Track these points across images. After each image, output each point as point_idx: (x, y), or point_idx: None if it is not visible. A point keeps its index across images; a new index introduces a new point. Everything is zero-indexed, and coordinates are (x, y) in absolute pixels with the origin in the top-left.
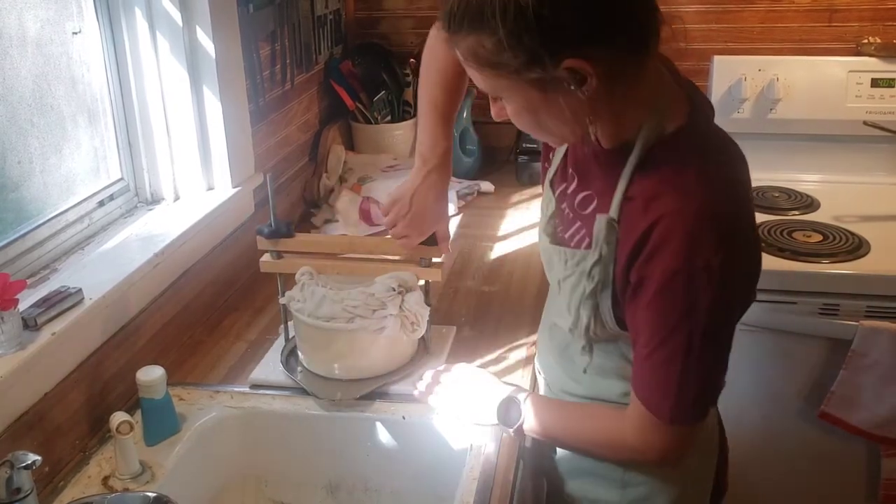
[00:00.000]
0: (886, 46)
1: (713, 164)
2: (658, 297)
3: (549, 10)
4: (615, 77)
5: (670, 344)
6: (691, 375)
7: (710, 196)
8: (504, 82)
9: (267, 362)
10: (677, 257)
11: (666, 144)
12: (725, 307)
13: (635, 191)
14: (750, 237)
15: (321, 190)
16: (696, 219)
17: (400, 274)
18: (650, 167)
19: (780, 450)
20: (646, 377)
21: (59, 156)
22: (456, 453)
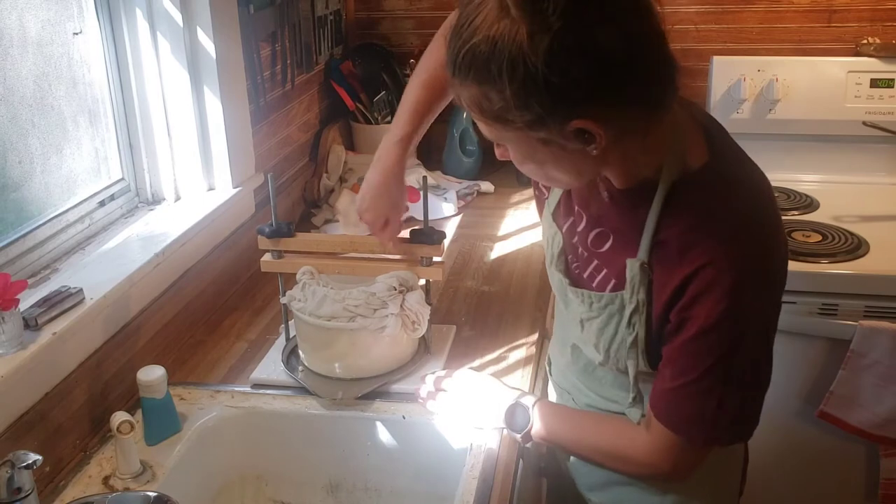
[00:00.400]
0: (886, 47)
1: (743, 199)
2: (698, 340)
3: (558, 77)
4: (627, 133)
5: (707, 380)
6: (728, 403)
7: (747, 240)
8: (509, 133)
9: (268, 362)
10: (720, 305)
11: (692, 183)
12: (767, 337)
13: (666, 235)
14: (784, 266)
15: (321, 190)
16: (737, 268)
17: (401, 273)
18: (678, 208)
19: (779, 449)
20: (677, 405)
21: (60, 156)
22: (456, 453)
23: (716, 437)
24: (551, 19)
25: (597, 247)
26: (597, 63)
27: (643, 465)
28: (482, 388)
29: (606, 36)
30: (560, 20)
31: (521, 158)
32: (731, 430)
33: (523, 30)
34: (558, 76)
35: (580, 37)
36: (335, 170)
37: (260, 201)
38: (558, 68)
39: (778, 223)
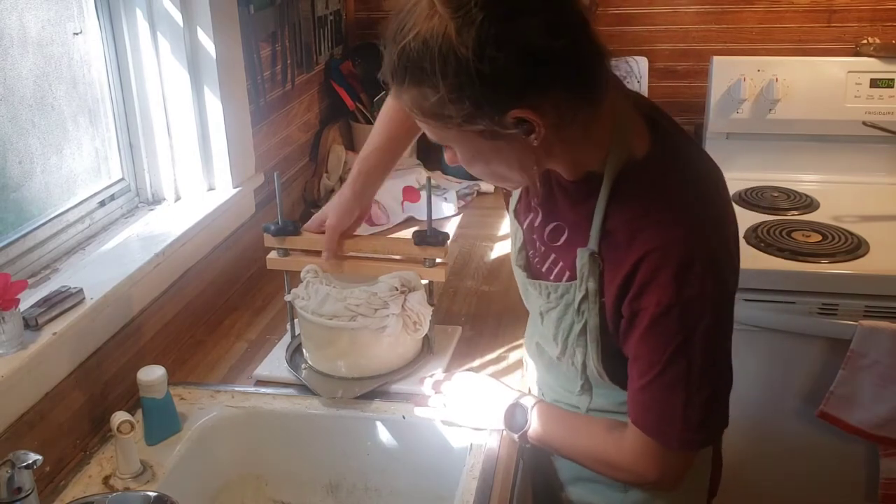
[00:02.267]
0: (885, 47)
1: (688, 186)
2: (653, 330)
3: (489, 66)
4: (566, 122)
5: (670, 373)
6: (695, 400)
7: (691, 225)
8: (451, 133)
9: (272, 359)
10: (668, 290)
11: (636, 173)
12: (722, 329)
13: (614, 224)
14: (734, 251)
15: (322, 190)
16: (681, 251)
17: (403, 273)
18: (624, 198)
19: (779, 449)
20: (646, 406)
21: (60, 156)
22: (456, 452)
23: (688, 438)
24: (474, 11)
25: (553, 240)
26: (521, 51)
27: (631, 473)
28: (482, 390)
29: (527, 25)
30: (482, 12)
31: (468, 158)
32: (702, 430)
33: (451, 25)
34: (488, 66)
35: (503, 27)
36: (335, 170)
37: (260, 201)
38: (487, 58)
39: (724, 208)
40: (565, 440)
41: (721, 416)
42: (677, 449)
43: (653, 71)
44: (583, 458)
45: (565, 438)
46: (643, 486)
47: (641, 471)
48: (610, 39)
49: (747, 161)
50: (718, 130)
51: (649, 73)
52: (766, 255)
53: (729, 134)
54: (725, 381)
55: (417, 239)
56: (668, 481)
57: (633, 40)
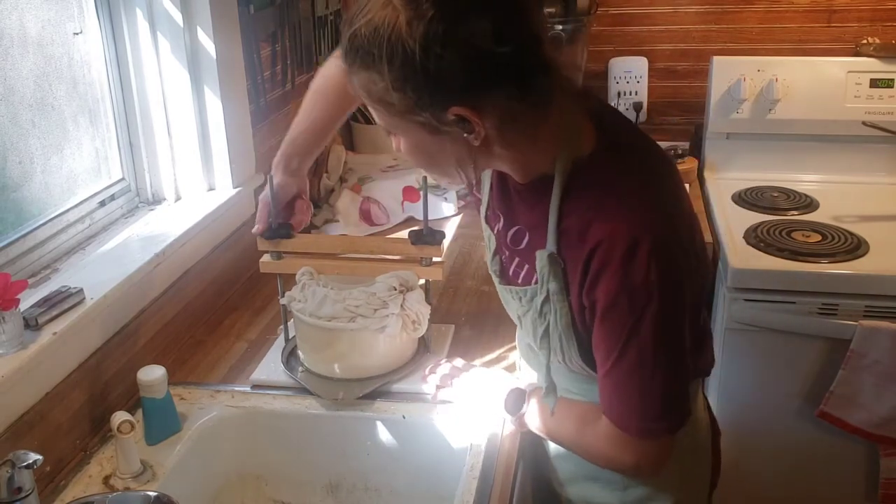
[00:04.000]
0: (885, 47)
1: (632, 178)
2: (605, 319)
3: (433, 63)
4: (508, 123)
5: (624, 361)
6: (651, 388)
7: (636, 214)
8: (396, 121)
9: (268, 362)
10: (615, 279)
11: (584, 170)
12: (671, 314)
13: (568, 222)
14: (683, 237)
15: (321, 190)
16: (626, 241)
17: (401, 273)
18: (575, 195)
19: (779, 449)
20: (609, 395)
21: (61, 156)
22: (456, 452)
23: (648, 427)
24: (425, 6)
25: (516, 244)
26: (466, 52)
27: (610, 461)
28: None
29: (475, 27)
30: (433, 8)
31: (410, 148)
32: (663, 419)
33: (402, 17)
34: (433, 62)
35: (451, 25)
36: (335, 170)
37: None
38: (433, 54)
39: (675, 196)
40: (556, 426)
41: (680, 403)
42: (639, 438)
43: (653, 71)
44: (571, 446)
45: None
46: (624, 472)
47: (618, 458)
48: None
49: (747, 161)
50: (718, 130)
51: (649, 73)
52: (766, 255)
53: (729, 134)
54: (682, 367)
55: (414, 238)
56: (646, 467)
57: (633, 40)
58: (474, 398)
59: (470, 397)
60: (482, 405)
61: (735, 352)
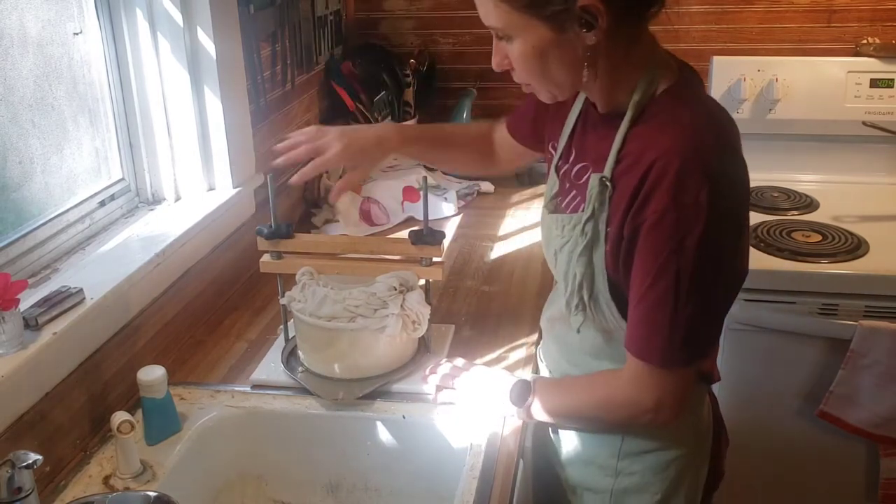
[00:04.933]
0: (885, 47)
1: (701, 110)
2: (649, 238)
3: None
4: (619, 30)
5: (660, 285)
6: (680, 317)
7: (698, 137)
8: (518, 18)
9: (268, 362)
10: (666, 195)
11: (656, 103)
12: (714, 247)
13: (629, 148)
14: (739, 177)
15: (321, 190)
16: (683, 157)
17: (401, 273)
18: (641, 125)
19: (779, 449)
20: (635, 325)
21: (61, 156)
22: (456, 452)
23: (670, 355)
24: None
25: (578, 179)
26: None
27: (629, 405)
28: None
29: None
30: None
31: (525, 51)
32: (685, 347)
33: None
34: None
35: None
36: (335, 170)
37: (260, 201)
38: None
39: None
40: (565, 400)
41: (707, 336)
42: (660, 365)
43: None
44: (585, 410)
45: (565, 398)
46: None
47: (637, 398)
48: None
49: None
50: None
51: None
52: (766, 255)
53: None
54: (716, 301)
55: (414, 238)
56: (666, 407)
57: None
58: (475, 397)
59: (471, 397)
60: (483, 404)
61: (735, 352)
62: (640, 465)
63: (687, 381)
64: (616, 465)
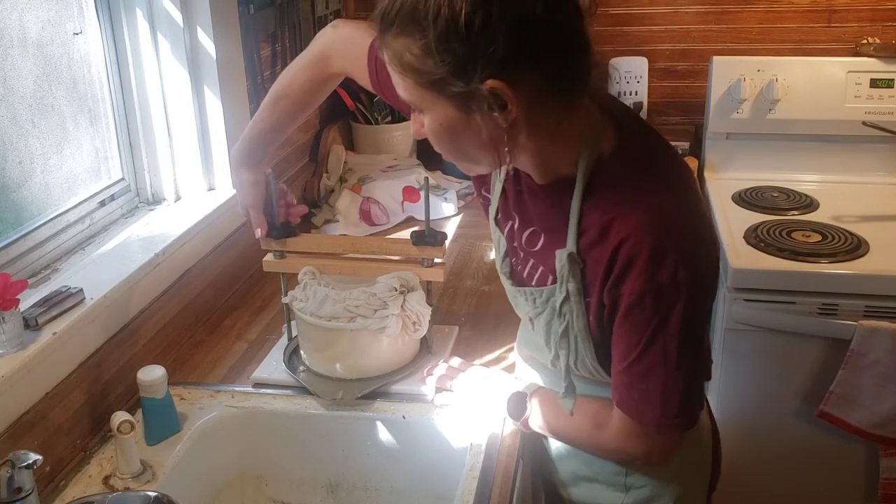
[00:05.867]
0: (885, 47)
1: (657, 176)
2: (630, 316)
3: (480, 22)
4: (538, 110)
5: (647, 358)
6: (674, 384)
7: (663, 211)
8: (426, 93)
9: (269, 361)
10: (642, 277)
11: (604, 170)
12: (696, 314)
13: (588, 221)
14: (707, 238)
15: (321, 190)
16: (655, 237)
17: (402, 274)
18: (597, 195)
19: (779, 449)
20: (627, 389)
21: (61, 156)
22: (456, 452)
23: (667, 423)
24: None
25: (531, 245)
26: (516, 16)
27: (620, 452)
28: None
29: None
30: None
31: (435, 126)
32: (681, 414)
33: None
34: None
35: None
36: (335, 170)
37: None
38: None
39: (695, 197)
40: (560, 425)
41: (698, 400)
42: (656, 433)
43: (653, 71)
44: (577, 442)
45: (560, 423)
46: (634, 463)
47: (629, 450)
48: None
49: (747, 161)
50: (718, 130)
51: (649, 73)
52: (766, 255)
53: (729, 134)
54: (702, 365)
55: (415, 239)
56: (656, 458)
57: (633, 40)
58: (473, 398)
59: (469, 397)
60: (482, 404)
61: (735, 352)
62: (648, 478)
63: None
64: (625, 481)
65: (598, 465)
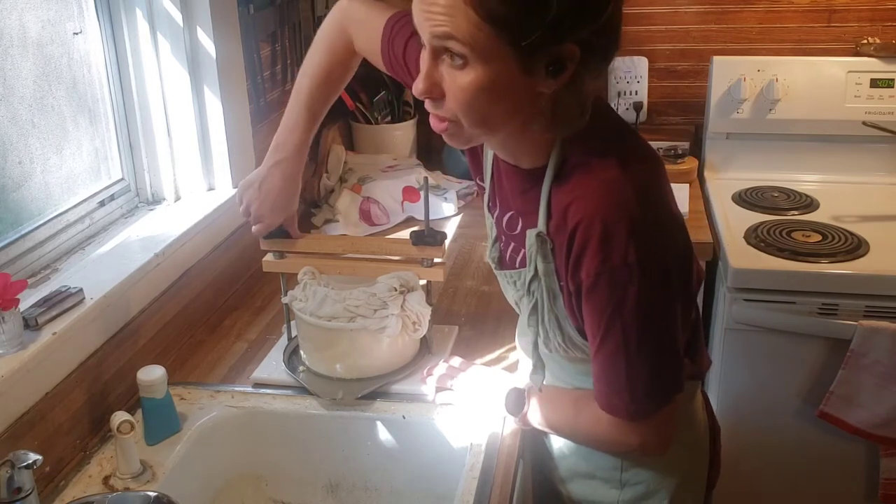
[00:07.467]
0: (885, 47)
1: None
2: (588, 301)
3: None
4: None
5: (609, 343)
6: (636, 370)
7: (616, 191)
8: (496, 45)
9: (269, 361)
10: (595, 259)
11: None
12: (655, 297)
13: (553, 204)
14: (665, 222)
15: (321, 190)
16: (605, 219)
17: (402, 274)
18: (561, 178)
19: (779, 449)
20: (597, 378)
21: (60, 156)
22: (456, 452)
23: (636, 409)
24: None
25: (511, 230)
26: None
27: (616, 444)
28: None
29: None
30: None
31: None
32: (650, 399)
33: None
34: None
35: None
36: (335, 170)
37: None
38: None
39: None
40: (560, 420)
41: (670, 383)
42: (628, 420)
43: (653, 71)
44: (576, 437)
45: (560, 419)
46: (633, 453)
47: (624, 440)
48: None
49: (747, 161)
50: (718, 130)
51: (649, 72)
52: (766, 255)
53: (729, 134)
54: (669, 348)
55: (415, 239)
56: (652, 445)
57: (633, 40)
58: (474, 397)
59: (469, 396)
60: (482, 404)
61: (735, 352)
62: (645, 474)
63: (667, 417)
64: (620, 476)
65: (595, 461)
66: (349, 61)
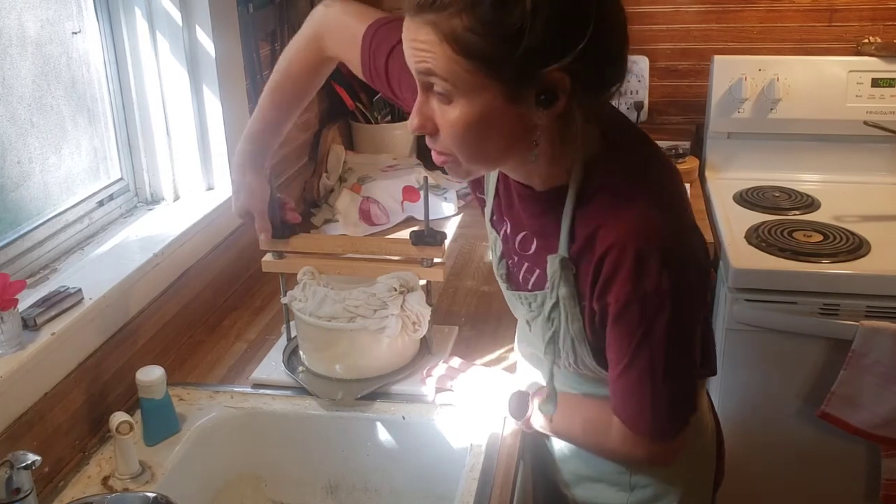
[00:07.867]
0: (887, 46)
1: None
2: (616, 325)
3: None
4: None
5: (636, 366)
6: (662, 392)
7: (646, 218)
8: (476, 77)
9: (269, 362)
10: (627, 286)
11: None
12: (683, 321)
13: (577, 228)
14: (693, 244)
15: (321, 190)
16: (637, 247)
17: (401, 274)
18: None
19: (779, 450)
20: (620, 397)
21: (59, 156)
22: (456, 453)
23: (659, 428)
24: None
25: (524, 249)
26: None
27: (621, 454)
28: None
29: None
30: None
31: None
32: (673, 420)
33: None
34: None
35: None
36: (335, 169)
37: None
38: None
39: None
40: (563, 425)
41: (689, 404)
42: (650, 439)
43: (653, 70)
44: (580, 442)
45: (563, 424)
46: (639, 466)
47: (631, 453)
48: None
49: (748, 161)
50: (719, 130)
51: (650, 72)
52: (767, 255)
53: (730, 133)
54: (690, 372)
55: (415, 239)
56: (659, 460)
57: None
58: (474, 398)
59: (469, 397)
60: (482, 405)
61: (736, 352)
62: (653, 478)
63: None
64: (629, 480)
65: (601, 465)
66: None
